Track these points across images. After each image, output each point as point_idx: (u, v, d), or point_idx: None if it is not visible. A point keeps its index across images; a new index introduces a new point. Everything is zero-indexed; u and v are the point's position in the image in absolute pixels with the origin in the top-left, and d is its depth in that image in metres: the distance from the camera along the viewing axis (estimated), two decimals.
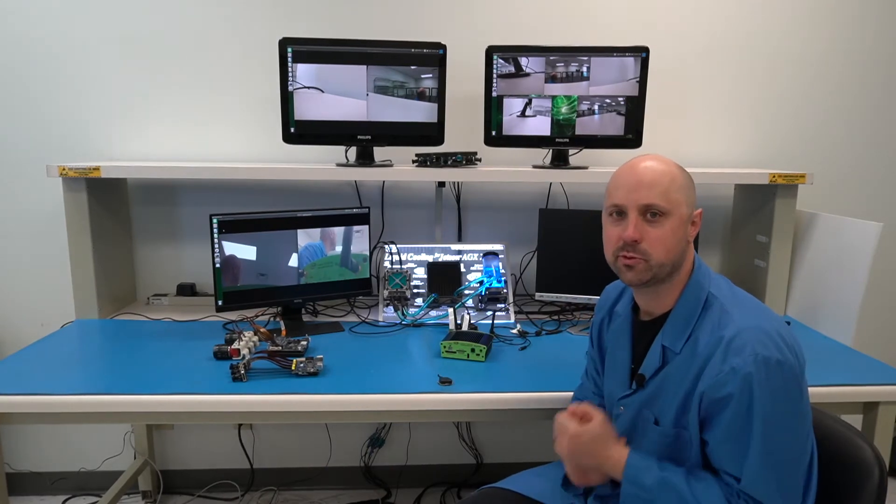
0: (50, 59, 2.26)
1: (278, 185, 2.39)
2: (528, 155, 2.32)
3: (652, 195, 1.17)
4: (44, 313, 2.41)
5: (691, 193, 1.21)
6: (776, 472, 1.09)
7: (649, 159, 1.21)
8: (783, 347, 1.09)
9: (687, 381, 1.16)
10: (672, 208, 1.17)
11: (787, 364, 1.08)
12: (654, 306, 1.26)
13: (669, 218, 1.17)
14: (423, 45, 2.08)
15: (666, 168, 1.20)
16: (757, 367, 1.07)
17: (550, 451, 1.41)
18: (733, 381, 1.08)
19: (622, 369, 1.31)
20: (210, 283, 2.11)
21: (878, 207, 2.55)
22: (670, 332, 1.20)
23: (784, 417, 1.08)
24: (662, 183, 1.17)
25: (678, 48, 2.39)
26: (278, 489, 2.58)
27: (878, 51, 2.44)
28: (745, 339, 1.09)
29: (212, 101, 2.33)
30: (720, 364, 1.10)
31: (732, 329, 1.11)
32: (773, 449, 1.08)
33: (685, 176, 1.21)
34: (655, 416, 1.22)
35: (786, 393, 1.08)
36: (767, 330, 1.10)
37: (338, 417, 1.60)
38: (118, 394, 1.52)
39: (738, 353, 1.09)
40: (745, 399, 1.08)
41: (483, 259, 2.25)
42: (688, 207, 1.20)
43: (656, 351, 1.22)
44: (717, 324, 1.15)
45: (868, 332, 2.47)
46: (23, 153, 2.31)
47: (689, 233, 1.21)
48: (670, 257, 1.18)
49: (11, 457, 2.51)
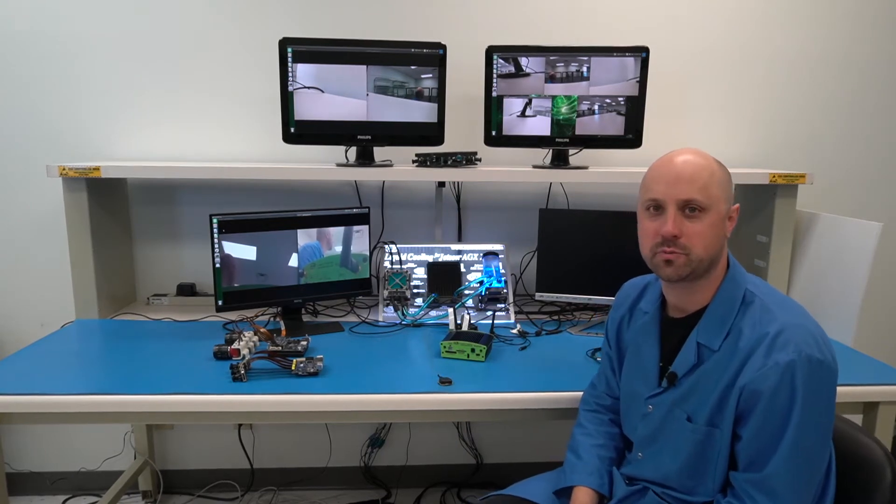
0: (50, 58, 2.26)
1: (278, 185, 2.39)
2: (528, 155, 2.32)
3: (692, 190, 1.16)
4: (44, 313, 2.41)
5: (729, 188, 1.21)
6: (799, 470, 1.10)
7: (687, 153, 1.19)
8: (824, 348, 1.10)
9: (726, 377, 1.15)
10: (711, 203, 1.16)
11: (826, 365, 1.09)
12: (688, 303, 1.25)
13: (709, 213, 1.16)
14: (423, 45, 2.08)
15: (705, 162, 1.18)
16: (801, 364, 1.07)
17: (550, 452, 1.41)
18: (776, 375, 1.08)
19: (650, 367, 1.30)
20: (210, 283, 2.10)
21: (878, 207, 2.55)
22: (706, 329, 1.20)
23: (818, 417, 1.09)
24: (702, 178, 1.16)
25: (678, 48, 2.39)
26: (278, 489, 2.58)
27: (878, 51, 2.44)
28: (789, 336, 1.10)
29: (212, 100, 2.33)
30: (764, 358, 1.10)
31: (777, 326, 1.12)
32: (801, 447, 1.09)
33: (723, 171, 1.21)
34: (688, 413, 1.21)
35: (824, 394, 1.10)
36: (811, 329, 1.12)
37: (338, 417, 1.60)
38: (118, 394, 1.52)
39: (782, 348, 1.09)
40: (787, 393, 1.08)
41: (483, 259, 2.25)
42: (726, 203, 1.20)
43: (690, 348, 1.21)
44: (759, 321, 1.15)
45: (868, 332, 2.47)
46: (23, 153, 2.31)
47: (726, 228, 1.21)
48: (709, 253, 1.18)
49: (11, 457, 2.51)
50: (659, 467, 1.27)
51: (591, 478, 1.34)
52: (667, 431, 1.25)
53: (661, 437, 1.26)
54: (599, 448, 1.39)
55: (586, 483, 1.34)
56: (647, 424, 1.28)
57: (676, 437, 1.22)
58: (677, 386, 1.23)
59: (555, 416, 1.61)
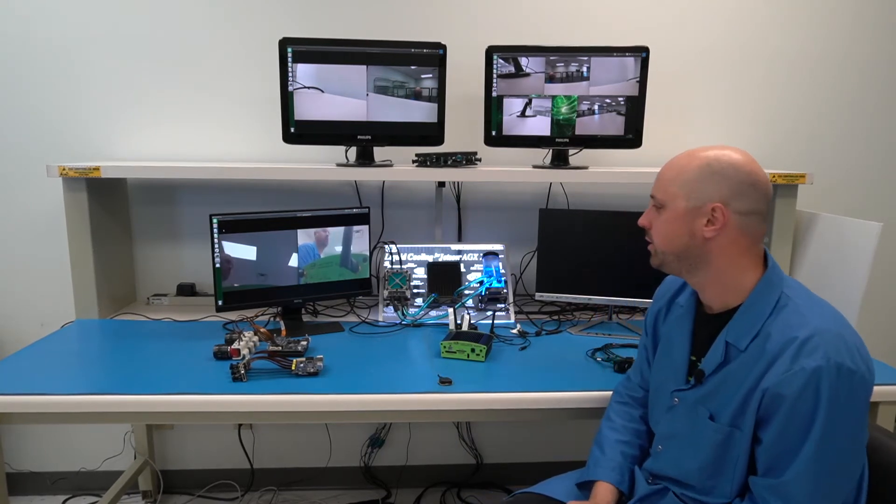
0: (50, 58, 2.26)
1: (278, 185, 2.39)
2: (528, 155, 2.32)
3: (655, 187, 1.25)
4: (44, 313, 2.41)
5: (699, 187, 1.18)
6: (820, 481, 1.08)
7: (687, 152, 1.23)
8: (857, 357, 1.08)
9: (750, 378, 1.14)
10: (667, 200, 1.22)
11: (858, 375, 1.06)
12: (712, 300, 1.25)
13: (665, 210, 1.22)
14: (423, 45, 2.08)
15: (681, 161, 1.22)
16: (828, 371, 1.05)
17: (551, 452, 1.41)
18: (801, 380, 1.06)
19: (679, 361, 1.30)
20: (210, 283, 2.10)
21: (878, 207, 2.55)
22: (736, 329, 1.19)
23: (844, 427, 1.07)
24: (667, 176, 1.23)
25: (678, 48, 2.39)
26: (278, 489, 2.58)
27: (878, 51, 2.44)
28: (819, 342, 1.08)
29: (212, 100, 2.33)
30: (790, 363, 1.08)
31: (807, 331, 1.09)
32: (824, 457, 1.07)
33: (700, 169, 1.18)
34: (711, 412, 1.20)
35: (852, 403, 1.07)
36: (844, 337, 1.09)
37: (338, 417, 1.60)
38: (118, 394, 1.52)
39: (810, 354, 1.07)
40: (810, 400, 1.06)
41: (483, 259, 2.25)
42: (687, 201, 1.19)
43: (719, 347, 1.21)
44: (790, 324, 1.12)
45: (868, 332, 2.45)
46: (23, 153, 2.31)
47: (696, 226, 1.19)
48: (670, 247, 1.23)
49: (11, 457, 2.51)
50: (679, 464, 1.27)
51: (612, 473, 1.36)
52: (689, 428, 1.25)
53: (683, 433, 1.26)
54: (624, 445, 1.41)
55: (607, 479, 1.36)
56: (670, 418, 1.29)
57: (698, 435, 1.22)
58: (703, 384, 1.23)
59: (555, 417, 1.61)
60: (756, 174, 1.17)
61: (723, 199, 1.17)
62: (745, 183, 1.16)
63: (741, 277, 1.20)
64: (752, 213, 1.18)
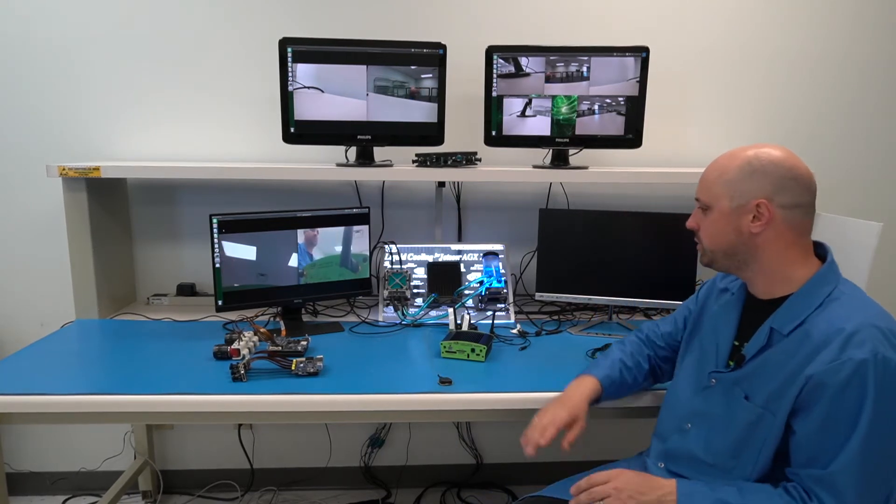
0: (50, 58, 2.26)
1: (278, 185, 2.38)
2: (528, 155, 2.32)
3: (699, 189, 1.30)
4: (44, 313, 2.41)
5: (742, 186, 1.22)
6: (866, 473, 1.08)
7: (728, 153, 1.27)
8: None
9: (791, 364, 1.16)
10: (711, 201, 1.26)
11: None
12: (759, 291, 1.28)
13: (712, 211, 1.27)
14: (423, 45, 2.08)
15: (723, 162, 1.26)
16: (875, 364, 1.06)
17: (551, 452, 1.41)
18: (848, 371, 1.07)
19: (723, 345, 1.33)
20: (210, 283, 2.10)
21: (878, 207, 2.55)
22: (783, 316, 1.21)
23: (891, 421, 1.07)
24: (709, 178, 1.27)
25: (678, 48, 2.39)
26: (278, 489, 2.58)
27: (878, 51, 2.44)
28: (867, 335, 1.09)
29: (212, 100, 2.33)
30: (838, 352, 1.09)
31: (855, 323, 1.11)
32: (871, 449, 1.07)
33: (741, 168, 1.23)
34: (747, 393, 1.22)
35: None
36: (893, 331, 1.10)
37: (338, 417, 1.61)
38: (118, 394, 1.52)
39: (859, 346, 1.08)
40: (857, 392, 1.07)
41: (483, 259, 2.25)
42: (731, 200, 1.23)
43: (763, 332, 1.23)
44: (837, 316, 1.14)
45: None
46: (23, 153, 2.31)
47: (743, 224, 1.22)
48: (717, 246, 1.27)
49: (11, 457, 2.51)
50: (707, 442, 1.29)
51: (600, 371, 1.51)
52: (723, 408, 1.27)
53: (716, 413, 1.28)
54: (623, 366, 1.53)
55: (594, 374, 1.51)
56: (704, 397, 1.32)
57: (731, 415, 1.24)
58: (743, 367, 1.25)
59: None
60: (797, 168, 1.22)
61: (766, 194, 1.21)
62: (786, 177, 1.20)
63: (789, 269, 1.23)
64: (796, 207, 1.21)
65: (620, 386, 1.52)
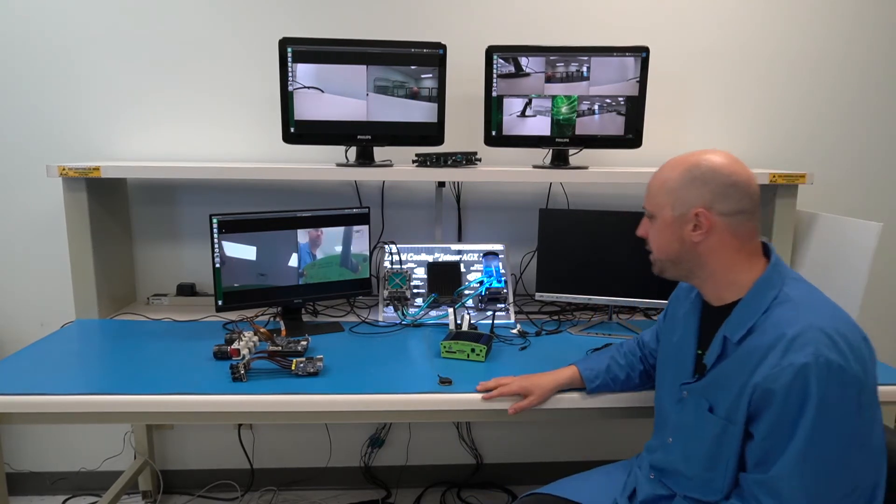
0: (50, 58, 2.26)
1: (278, 185, 2.39)
2: (528, 155, 2.32)
3: (645, 198, 1.31)
4: (44, 313, 2.41)
5: (682, 195, 1.22)
6: (808, 478, 1.06)
7: (670, 160, 1.27)
8: (848, 355, 1.06)
9: (743, 373, 1.15)
10: (655, 211, 1.27)
11: (849, 372, 1.05)
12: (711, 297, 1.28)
13: (656, 220, 1.28)
14: (423, 45, 2.08)
15: (665, 171, 1.26)
16: (817, 367, 1.05)
17: (551, 452, 1.41)
18: (789, 376, 1.06)
19: (688, 356, 1.33)
20: (210, 283, 2.10)
21: (878, 207, 2.55)
22: (732, 323, 1.21)
23: (834, 425, 1.05)
24: (653, 186, 1.28)
25: (678, 48, 2.39)
26: (278, 489, 2.58)
27: (878, 51, 2.44)
28: (809, 338, 1.08)
29: (212, 100, 2.33)
30: (779, 359, 1.09)
31: (798, 327, 1.10)
32: (812, 454, 1.06)
33: (681, 177, 1.22)
34: (711, 404, 1.22)
35: (843, 401, 1.05)
36: (838, 333, 1.08)
37: (338, 417, 1.60)
38: (118, 394, 1.52)
39: (799, 350, 1.07)
40: (798, 396, 1.06)
41: (483, 259, 2.25)
42: (673, 209, 1.23)
43: (718, 340, 1.23)
44: (782, 320, 1.13)
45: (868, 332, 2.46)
46: (23, 153, 2.31)
47: (685, 233, 1.22)
48: (664, 255, 1.29)
49: (11, 457, 2.51)
50: (686, 455, 1.28)
51: (584, 363, 1.59)
52: (694, 419, 1.27)
53: (691, 424, 1.27)
54: (613, 360, 1.59)
55: (577, 364, 1.59)
56: (680, 410, 1.31)
57: (700, 427, 1.24)
58: (705, 376, 1.25)
59: (555, 416, 1.61)
60: (736, 174, 1.20)
61: (705, 203, 1.20)
62: (725, 185, 1.19)
63: (736, 275, 1.22)
64: (737, 213, 1.20)
65: (609, 380, 1.56)
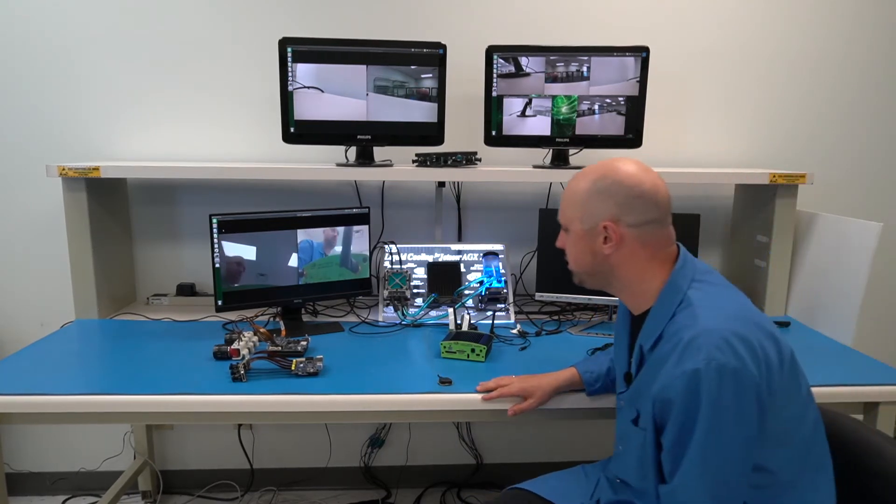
0: (50, 58, 2.26)
1: (278, 185, 2.38)
2: (528, 155, 2.32)
3: (559, 210, 1.30)
4: (44, 313, 2.41)
5: (590, 208, 1.21)
6: (707, 483, 1.06)
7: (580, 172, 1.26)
8: (744, 356, 1.04)
9: (652, 382, 1.15)
10: (567, 224, 1.27)
11: (744, 374, 1.03)
12: (630, 305, 1.29)
13: (569, 233, 1.28)
14: (423, 44, 2.08)
15: (574, 184, 1.26)
16: (708, 373, 1.03)
17: (551, 452, 1.42)
18: (682, 384, 1.05)
19: (622, 364, 1.34)
20: (210, 283, 2.10)
21: (878, 207, 2.55)
22: (644, 332, 1.21)
23: (730, 428, 1.04)
24: (564, 200, 1.28)
25: (679, 48, 2.39)
26: (278, 489, 2.58)
27: (878, 51, 2.44)
28: (702, 342, 1.05)
29: (212, 100, 2.33)
30: (673, 367, 1.08)
31: (693, 332, 1.08)
32: (709, 459, 1.05)
33: (588, 191, 1.21)
34: (637, 413, 1.22)
35: (739, 403, 1.04)
36: (736, 335, 1.06)
37: (338, 417, 1.60)
38: (118, 394, 1.52)
39: (692, 356, 1.05)
40: (693, 403, 1.04)
41: (483, 259, 2.25)
42: (582, 223, 1.22)
43: (637, 350, 1.24)
44: (681, 326, 1.11)
45: (868, 332, 2.46)
46: (23, 153, 2.31)
47: (596, 245, 1.21)
48: (580, 267, 1.28)
49: (11, 457, 2.51)
50: (626, 465, 1.29)
51: (583, 364, 1.58)
52: (626, 429, 1.27)
53: (625, 434, 1.28)
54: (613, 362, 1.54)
55: (577, 365, 1.57)
56: (620, 419, 1.32)
57: (630, 437, 1.24)
58: (630, 386, 1.26)
59: (555, 417, 1.61)
60: (642, 185, 1.18)
61: (612, 216, 1.19)
62: (630, 196, 1.18)
63: (649, 284, 1.21)
64: (645, 224, 1.19)
65: (609, 382, 1.53)
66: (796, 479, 1.14)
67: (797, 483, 1.14)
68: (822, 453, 1.19)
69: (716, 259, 2.54)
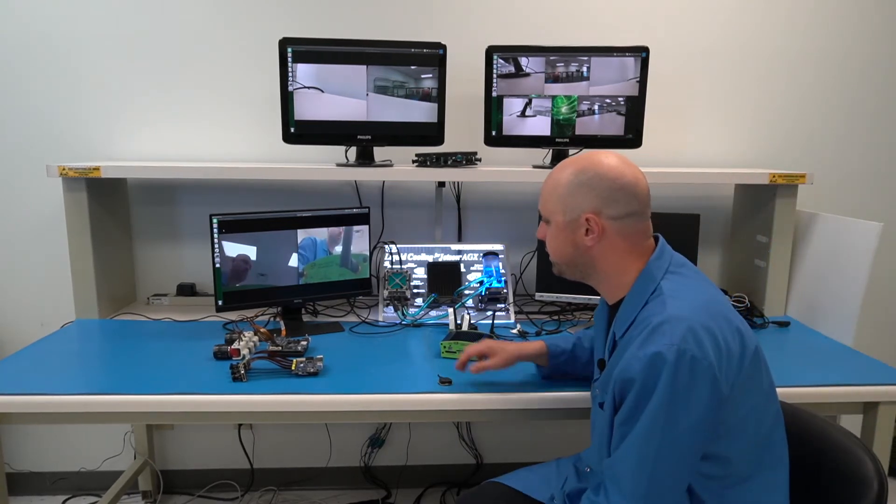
0: (50, 58, 2.26)
1: (278, 185, 2.39)
2: (528, 155, 2.32)
3: (539, 202, 1.31)
4: (44, 313, 2.41)
5: (572, 200, 1.22)
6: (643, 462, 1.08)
7: (561, 163, 1.27)
8: (707, 346, 1.06)
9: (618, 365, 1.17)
10: (549, 216, 1.28)
11: (703, 364, 1.05)
12: (606, 296, 1.31)
13: (550, 224, 1.28)
14: (423, 45, 2.08)
15: (555, 175, 1.26)
16: (668, 357, 1.05)
17: (551, 452, 1.42)
18: (640, 364, 1.08)
19: (598, 352, 1.36)
20: (210, 283, 2.10)
21: (878, 207, 2.55)
22: (618, 320, 1.23)
23: (681, 414, 1.06)
24: (545, 191, 1.29)
25: (678, 48, 2.39)
26: (278, 489, 2.58)
27: (878, 50, 2.44)
28: (667, 328, 1.08)
29: (212, 100, 2.33)
30: (637, 349, 1.10)
31: (660, 318, 1.11)
32: (652, 438, 1.07)
33: (569, 183, 1.23)
34: (602, 399, 1.24)
35: (690, 390, 1.05)
36: (702, 325, 1.08)
37: (338, 417, 1.61)
38: (118, 394, 1.52)
39: (656, 340, 1.08)
40: (649, 384, 1.07)
41: (483, 259, 2.25)
42: (564, 214, 1.24)
43: (610, 338, 1.26)
44: (651, 313, 1.14)
45: (868, 332, 2.46)
46: (23, 153, 2.31)
47: (578, 237, 1.23)
48: (560, 258, 1.29)
49: (11, 457, 2.51)
50: (594, 450, 1.32)
51: (552, 340, 1.60)
52: (596, 414, 1.29)
53: (596, 419, 1.30)
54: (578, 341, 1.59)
55: (546, 341, 1.60)
56: (594, 407, 1.33)
57: (599, 421, 1.26)
58: (602, 375, 1.28)
59: (555, 416, 1.61)
60: (623, 178, 1.20)
61: (594, 208, 1.21)
62: (612, 189, 1.20)
63: (627, 275, 1.23)
64: (626, 217, 1.21)
65: (572, 358, 1.57)
66: (752, 474, 1.16)
67: (752, 479, 1.16)
68: (780, 452, 1.20)
69: (716, 259, 2.54)
